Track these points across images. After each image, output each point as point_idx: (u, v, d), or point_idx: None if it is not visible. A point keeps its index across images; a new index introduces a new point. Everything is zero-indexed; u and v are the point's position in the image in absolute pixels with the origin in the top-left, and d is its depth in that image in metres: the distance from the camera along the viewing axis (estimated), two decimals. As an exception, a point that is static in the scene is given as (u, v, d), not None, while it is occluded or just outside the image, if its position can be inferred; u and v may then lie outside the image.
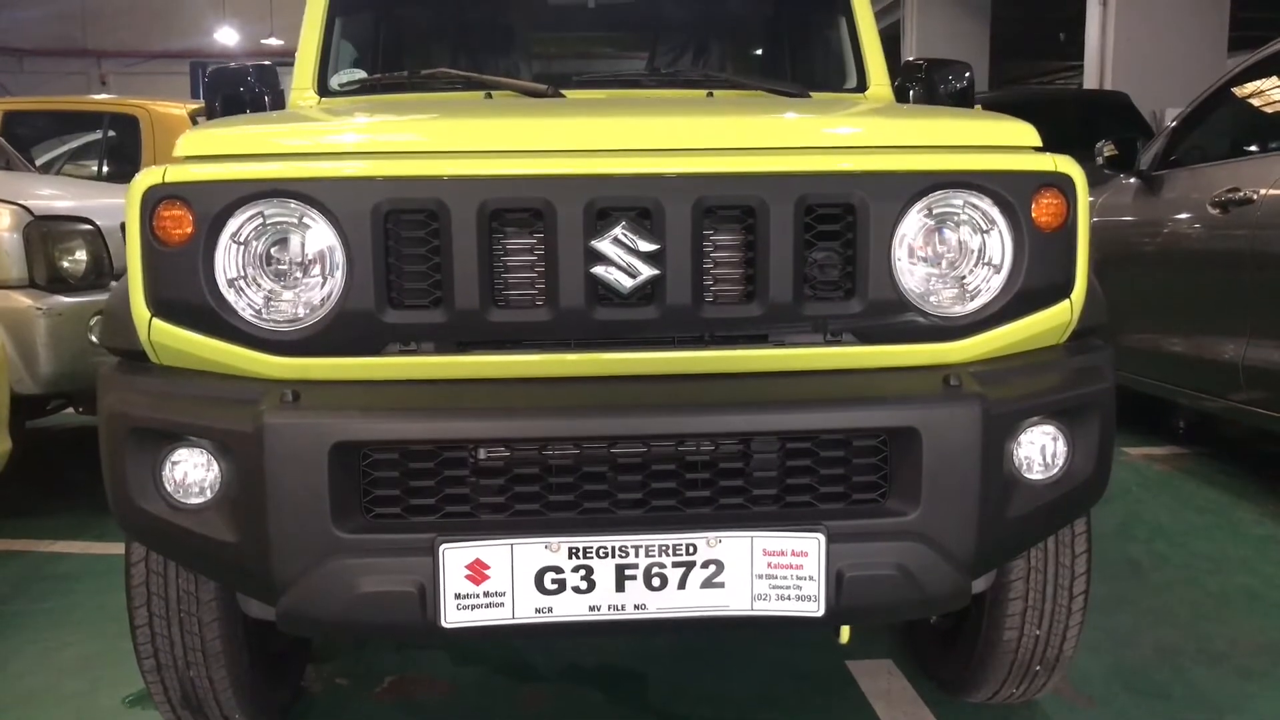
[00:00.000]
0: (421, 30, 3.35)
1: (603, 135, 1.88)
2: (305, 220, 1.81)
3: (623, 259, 1.79)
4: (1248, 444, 5.00)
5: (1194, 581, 3.28)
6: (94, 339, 4.14)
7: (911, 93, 3.12)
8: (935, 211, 1.88)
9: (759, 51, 3.41)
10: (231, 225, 1.80)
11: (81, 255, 4.22)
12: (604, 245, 1.79)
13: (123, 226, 4.37)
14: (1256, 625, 2.95)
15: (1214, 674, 2.66)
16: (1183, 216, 4.39)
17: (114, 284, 4.29)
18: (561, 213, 1.78)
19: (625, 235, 1.79)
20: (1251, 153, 4.22)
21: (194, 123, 6.61)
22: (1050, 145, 7.16)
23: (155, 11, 25.67)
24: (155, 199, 1.80)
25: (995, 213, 1.89)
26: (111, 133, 6.85)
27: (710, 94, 2.77)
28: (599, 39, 3.34)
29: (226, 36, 24.81)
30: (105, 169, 6.77)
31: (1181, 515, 3.96)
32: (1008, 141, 1.96)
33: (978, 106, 2.90)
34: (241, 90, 3.05)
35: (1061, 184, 1.91)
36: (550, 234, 1.79)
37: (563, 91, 2.73)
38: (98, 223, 4.30)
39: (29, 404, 3.97)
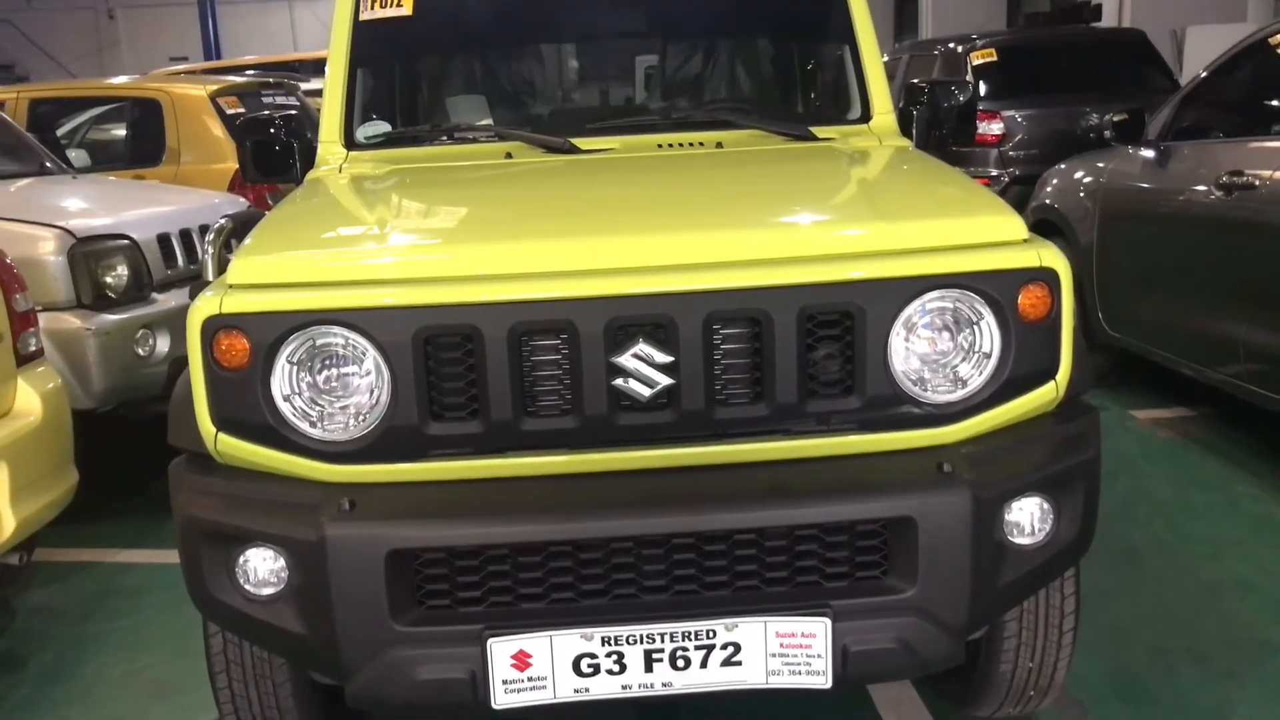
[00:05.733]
0: (441, 73, 3.46)
1: (620, 254, 2.03)
2: (352, 344, 1.99)
3: (641, 371, 1.97)
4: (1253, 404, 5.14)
5: (1190, 570, 3.47)
6: (140, 352, 4.36)
7: (915, 113, 3.24)
8: (928, 309, 2.03)
9: (765, 82, 3.51)
10: (285, 350, 1.99)
11: (122, 270, 4.40)
12: (624, 359, 1.97)
13: (159, 239, 4.60)
14: (1246, 620, 3.15)
15: (1201, 675, 2.87)
16: (1188, 193, 4.47)
17: (156, 296, 4.51)
18: (584, 331, 1.95)
19: (643, 350, 1.96)
20: (1257, 134, 4.28)
21: (214, 103, 6.72)
22: (1068, 86, 7.40)
23: (162, -54, 25.42)
24: (214, 328, 1.98)
25: (984, 308, 2.04)
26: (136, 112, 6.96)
27: (720, 145, 2.89)
28: (611, 72, 3.45)
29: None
30: (130, 152, 6.91)
31: (1183, 491, 4.14)
32: (996, 237, 2.09)
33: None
34: (272, 132, 3.20)
35: (1047, 277, 2.05)
36: (574, 351, 1.96)
37: (575, 142, 2.88)
38: (135, 237, 4.48)
39: (79, 418, 4.21)
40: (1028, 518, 2.10)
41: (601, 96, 3.42)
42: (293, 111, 3.34)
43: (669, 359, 1.97)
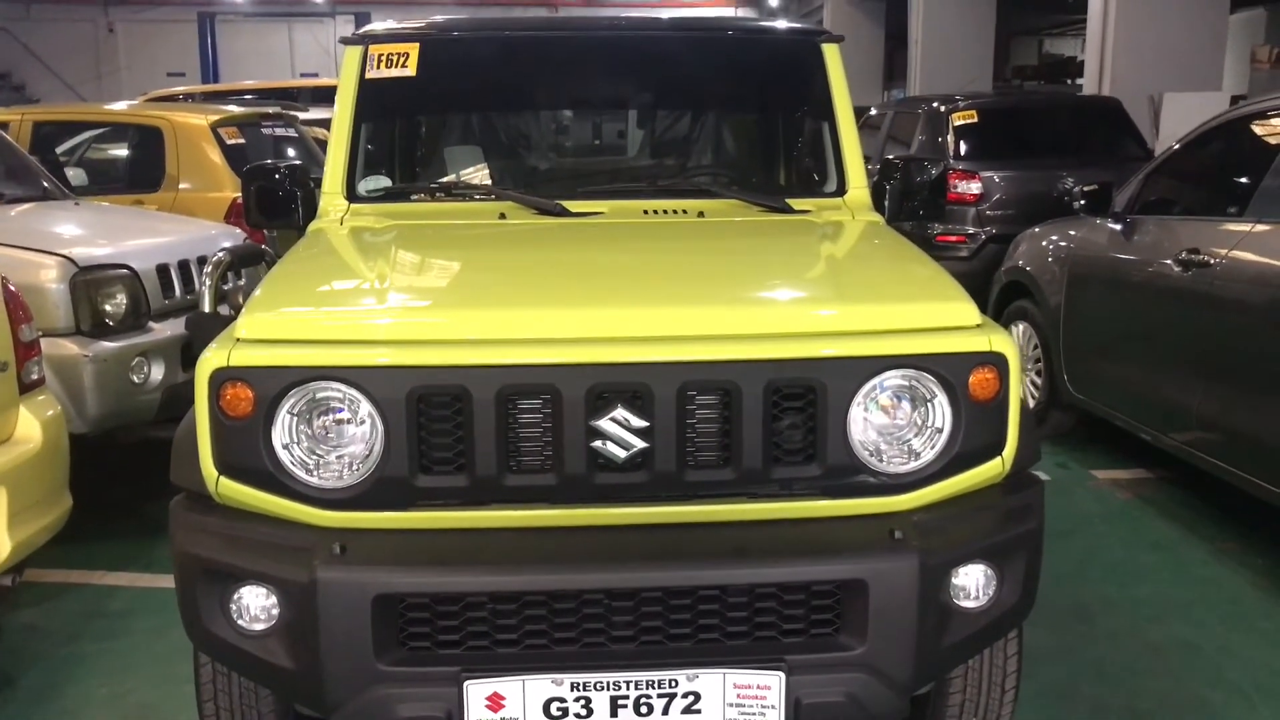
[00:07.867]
0: (440, 130, 3.63)
1: (603, 325, 2.19)
2: (349, 399, 2.13)
3: (618, 434, 2.13)
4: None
5: (1136, 631, 3.63)
6: (135, 379, 4.48)
7: (889, 187, 3.43)
8: (885, 386, 2.20)
9: (748, 153, 3.69)
10: (287, 402, 2.13)
11: (122, 299, 4.53)
12: (603, 423, 2.12)
13: (158, 269, 4.73)
14: (1184, 681, 3.31)
15: (1138, 733, 3.03)
16: (1149, 266, 4.67)
17: (153, 325, 4.64)
18: (566, 396, 2.11)
19: (621, 415, 2.12)
20: (1215, 213, 4.49)
21: (214, 133, 6.87)
22: (1045, 150, 7.75)
23: (163, -40, 25.63)
24: (221, 379, 2.13)
25: (937, 387, 2.21)
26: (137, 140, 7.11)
27: (701, 213, 3.07)
28: (602, 137, 3.63)
29: (234, -11, 24.75)
30: (130, 176, 7.05)
31: (1135, 553, 4.31)
32: (951, 322, 2.26)
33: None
34: (277, 178, 3.35)
35: (996, 361, 2.21)
36: (557, 414, 2.12)
37: (566, 205, 3.04)
38: (135, 266, 4.62)
39: (72, 442, 4.31)
40: (972, 583, 2.26)
41: (592, 160, 3.59)
42: (296, 160, 3.46)
43: (644, 424, 2.12)
